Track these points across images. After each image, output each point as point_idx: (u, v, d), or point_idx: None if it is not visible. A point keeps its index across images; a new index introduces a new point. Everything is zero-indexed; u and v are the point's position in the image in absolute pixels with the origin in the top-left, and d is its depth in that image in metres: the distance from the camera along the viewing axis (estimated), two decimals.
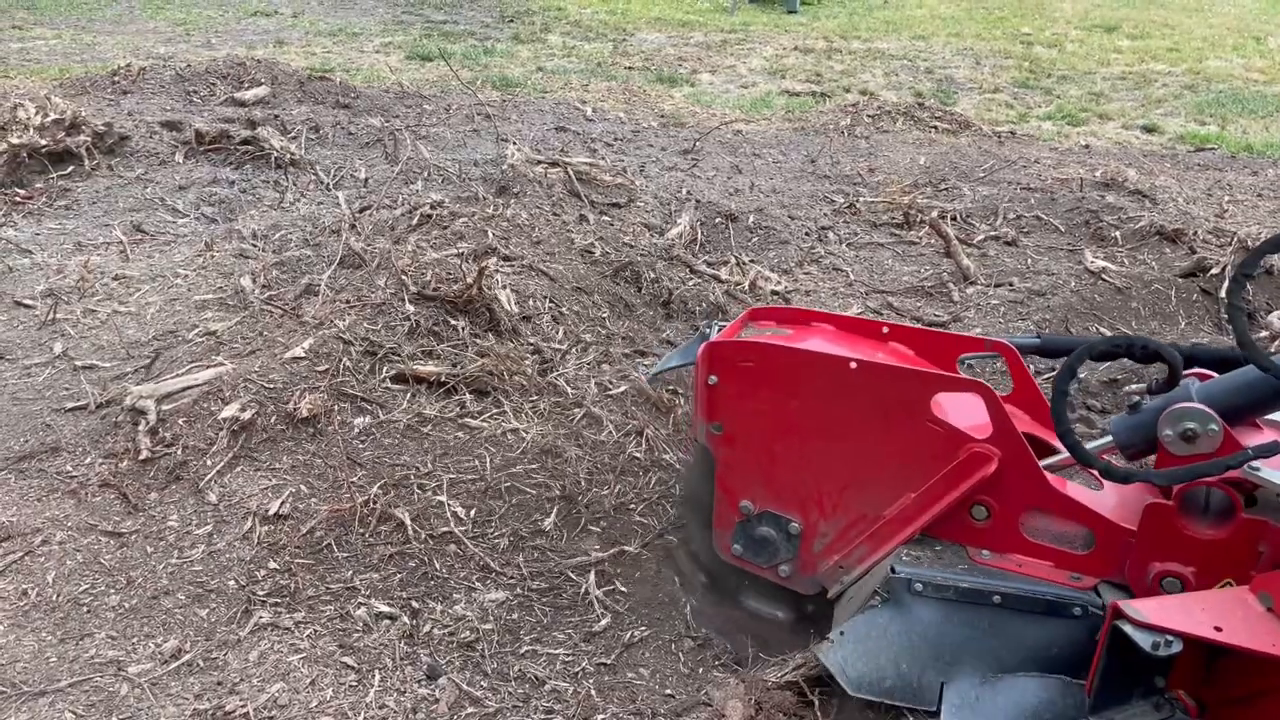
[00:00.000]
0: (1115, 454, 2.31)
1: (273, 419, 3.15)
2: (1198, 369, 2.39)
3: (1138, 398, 2.29)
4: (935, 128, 7.61)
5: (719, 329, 2.69)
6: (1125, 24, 13.06)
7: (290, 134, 6.24)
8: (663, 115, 7.90)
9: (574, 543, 2.92)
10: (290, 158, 5.86)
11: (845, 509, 2.39)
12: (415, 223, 4.38)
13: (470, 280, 3.60)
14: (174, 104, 6.89)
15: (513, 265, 4.04)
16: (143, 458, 3.07)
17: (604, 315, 3.99)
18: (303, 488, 2.98)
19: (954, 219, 5.39)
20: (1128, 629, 1.80)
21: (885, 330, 2.72)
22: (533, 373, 3.43)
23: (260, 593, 2.69)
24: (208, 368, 3.38)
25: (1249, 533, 2.08)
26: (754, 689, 2.31)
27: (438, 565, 2.81)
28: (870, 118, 7.71)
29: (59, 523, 2.90)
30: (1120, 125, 8.40)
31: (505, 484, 3.02)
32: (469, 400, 3.30)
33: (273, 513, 2.89)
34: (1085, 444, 2.21)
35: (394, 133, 6.49)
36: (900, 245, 5.22)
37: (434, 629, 2.63)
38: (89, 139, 5.68)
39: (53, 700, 2.37)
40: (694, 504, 2.70)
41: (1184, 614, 1.84)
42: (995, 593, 2.19)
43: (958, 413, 2.31)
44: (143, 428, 3.14)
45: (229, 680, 2.45)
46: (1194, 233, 4.99)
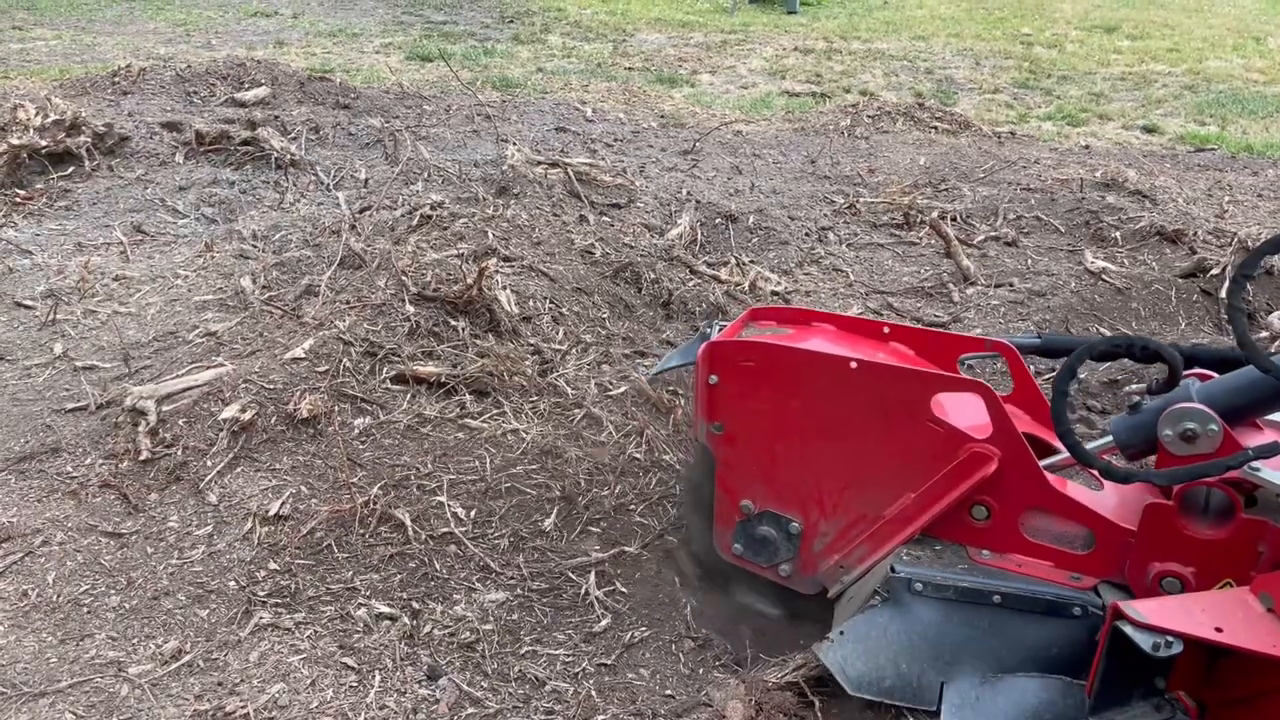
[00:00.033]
0: (1115, 454, 2.31)
1: (273, 420, 3.15)
2: (1198, 369, 2.39)
3: (1138, 398, 2.30)
4: (935, 128, 7.61)
5: (720, 329, 2.69)
6: (1125, 24, 13.05)
7: (290, 135, 6.24)
8: (663, 116, 7.90)
9: (574, 543, 2.92)
10: (290, 158, 5.87)
11: (845, 508, 2.39)
12: (415, 223, 4.38)
13: (470, 281, 3.61)
14: (174, 105, 6.89)
15: (513, 266, 4.04)
16: (143, 458, 3.07)
17: (604, 316, 3.99)
18: (303, 488, 2.98)
19: (954, 219, 5.39)
20: (1128, 630, 1.80)
21: (886, 330, 2.72)
22: (533, 373, 3.44)
23: (260, 593, 2.69)
24: (208, 368, 3.38)
25: (1249, 533, 2.08)
26: (754, 689, 2.31)
27: (438, 566, 2.81)
28: (870, 118, 7.70)
29: (59, 523, 2.91)
30: (1120, 126, 8.39)
31: (505, 484, 3.02)
32: (469, 401, 3.30)
33: (273, 513, 2.89)
34: (1085, 444, 2.21)
35: (394, 133, 6.49)
36: (900, 246, 5.22)
37: (434, 630, 2.63)
38: (89, 140, 5.68)
39: (53, 701, 2.37)
40: (694, 502, 2.70)
41: (1184, 615, 1.84)
42: (995, 592, 2.19)
43: (958, 413, 2.32)
44: (143, 428, 3.14)
45: (229, 681, 2.45)
46: (1194, 233, 4.98)
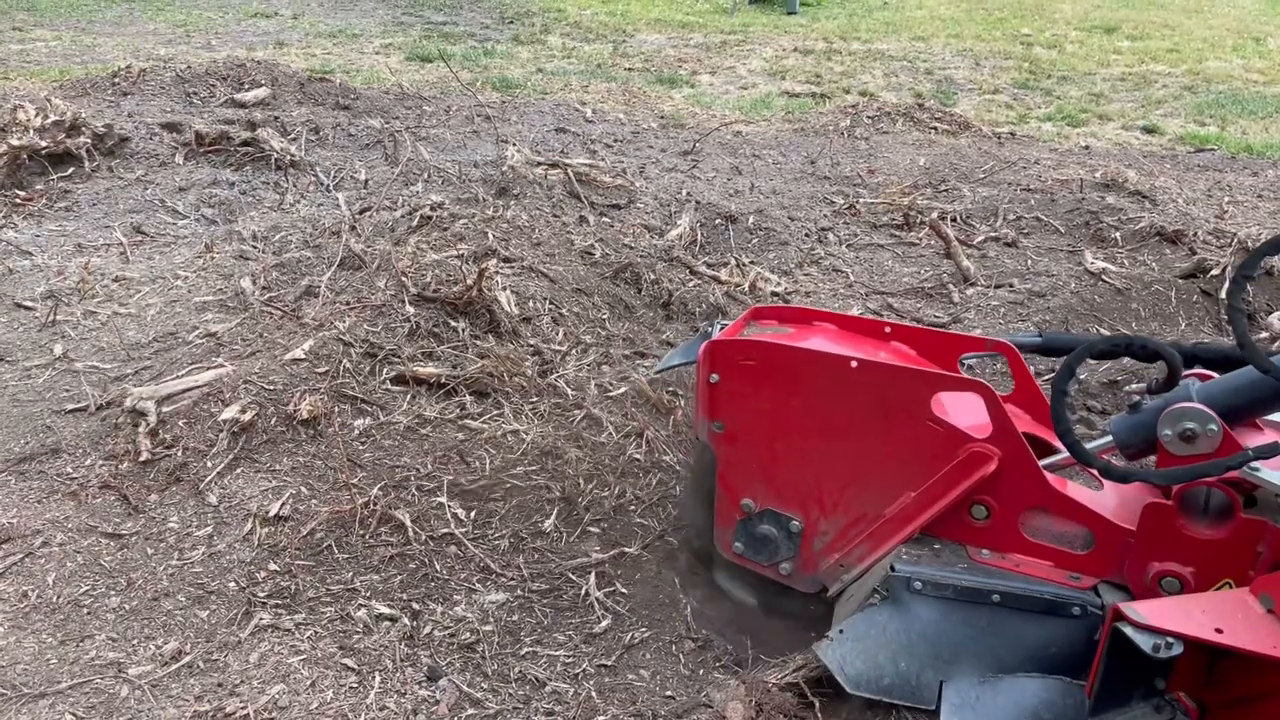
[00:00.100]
0: (1115, 454, 2.31)
1: (273, 420, 3.15)
2: (1198, 369, 2.39)
3: (1138, 397, 2.30)
4: (935, 129, 7.61)
5: (721, 328, 2.69)
6: (1125, 25, 13.06)
7: (290, 135, 6.24)
8: (662, 116, 7.90)
9: (574, 544, 2.92)
10: (290, 159, 5.87)
11: (846, 507, 2.39)
12: (415, 224, 4.38)
13: (470, 282, 3.61)
14: (174, 105, 6.89)
15: (513, 267, 4.04)
16: (143, 459, 3.07)
17: (604, 317, 3.99)
18: (303, 489, 2.98)
19: (954, 220, 5.39)
20: (1128, 631, 1.80)
21: (888, 330, 2.72)
22: (533, 374, 3.44)
23: (260, 594, 2.69)
24: (208, 369, 3.38)
25: (1248, 533, 2.08)
26: (754, 690, 2.31)
27: (438, 567, 2.81)
28: (870, 119, 7.70)
29: (59, 524, 2.91)
30: (1120, 126, 8.40)
31: (505, 485, 3.02)
32: (469, 402, 3.30)
33: (273, 514, 2.89)
34: (1085, 444, 2.21)
35: (394, 134, 6.49)
36: (900, 246, 5.22)
37: (434, 630, 2.63)
38: (89, 141, 5.68)
39: (53, 702, 2.37)
40: (694, 500, 2.70)
41: (1184, 616, 1.84)
42: (994, 592, 2.19)
43: (958, 412, 2.32)
44: (143, 429, 3.14)
45: (229, 682, 2.44)
46: (1194, 234, 4.98)
